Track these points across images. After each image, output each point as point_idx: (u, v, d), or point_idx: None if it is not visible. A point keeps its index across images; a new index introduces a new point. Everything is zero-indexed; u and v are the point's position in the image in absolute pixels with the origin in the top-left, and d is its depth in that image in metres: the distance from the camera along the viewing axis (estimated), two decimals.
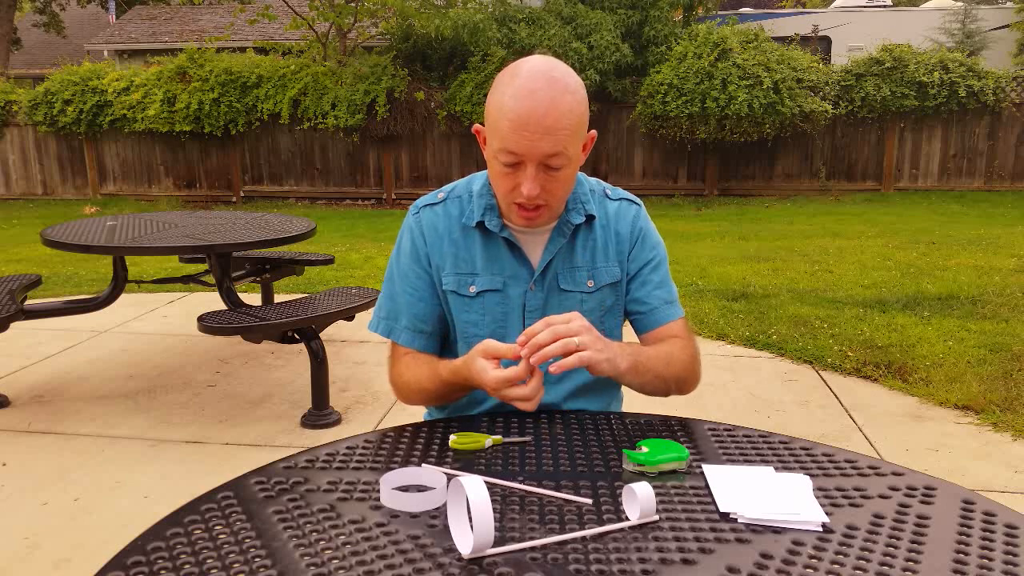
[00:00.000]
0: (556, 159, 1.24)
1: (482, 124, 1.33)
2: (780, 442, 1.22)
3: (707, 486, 1.08)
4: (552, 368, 1.17)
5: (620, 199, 1.47)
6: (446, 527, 0.96)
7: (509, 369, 1.19)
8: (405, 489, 1.05)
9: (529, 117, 1.20)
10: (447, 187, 1.47)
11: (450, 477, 1.05)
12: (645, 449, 1.13)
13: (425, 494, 1.02)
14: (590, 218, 1.41)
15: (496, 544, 0.92)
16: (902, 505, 1.03)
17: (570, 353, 1.16)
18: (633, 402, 1.71)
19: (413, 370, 1.42)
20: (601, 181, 1.50)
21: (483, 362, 1.22)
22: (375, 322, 1.49)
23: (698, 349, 1.46)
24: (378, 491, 1.06)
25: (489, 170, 1.33)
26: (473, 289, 1.40)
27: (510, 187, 1.28)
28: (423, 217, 1.44)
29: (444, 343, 1.51)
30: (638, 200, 1.50)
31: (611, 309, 1.44)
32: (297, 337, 3.32)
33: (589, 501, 1.04)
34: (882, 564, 0.89)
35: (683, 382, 1.40)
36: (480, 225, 1.39)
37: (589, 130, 1.32)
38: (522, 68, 1.24)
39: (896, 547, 0.92)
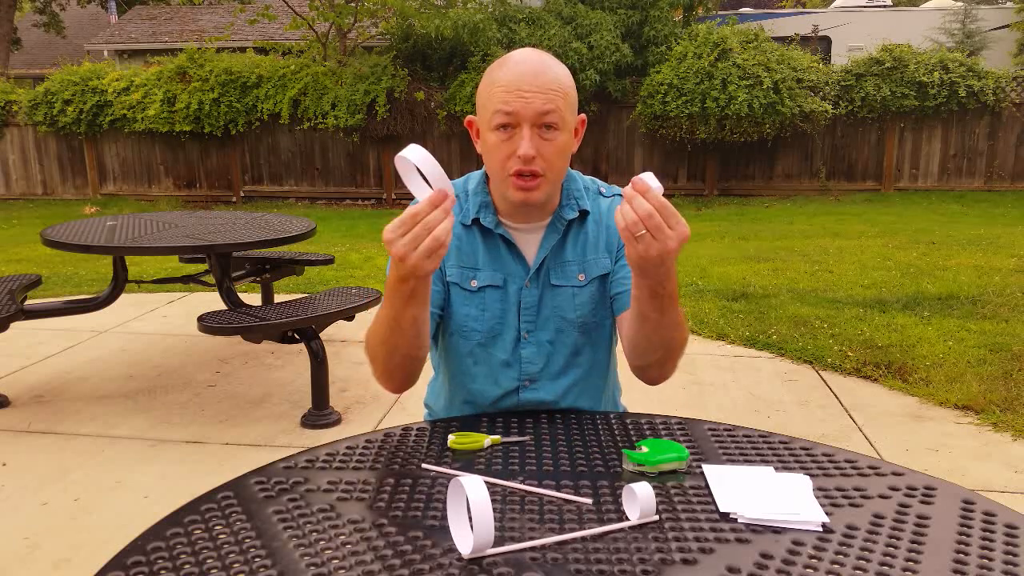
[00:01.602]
0: (550, 116, 1.26)
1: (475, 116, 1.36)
2: (780, 442, 1.22)
3: (707, 486, 1.08)
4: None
5: (614, 195, 1.48)
6: (446, 527, 0.96)
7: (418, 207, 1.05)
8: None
9: (522, 78, 1.26)
10: None
11: (451, 477, 1.06)
12: (645, 449, 1.13)
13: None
14: (584, 213, 1.43)
15: (496, 544, 0.92)
16: (902, 505, 1.03)
17: (663, 233, 1.07)
18: (633, 402, 1.71)
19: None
20: (595, 180, 1.50)
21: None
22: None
23: None
24: (378, 491, 1.06)
25: (485, 148, 1.34)
26: (475, 283, 1.41)
27: (507, 154, 1.29)
28: None
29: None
30: None
31: (603, 301, 1.44)
32: (297, 337, 3.32)
33: (589, 501, 1.04)
34: (882, 564, 0.89)
35: (684, 341, 1.31)
36: (476, 223, 1.41)
37: (583, 123, 1.38)
38: (511, 54, 1.33)
39: (896, 547, 0.92)
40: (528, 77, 1.26)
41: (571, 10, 10.62)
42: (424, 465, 1.14)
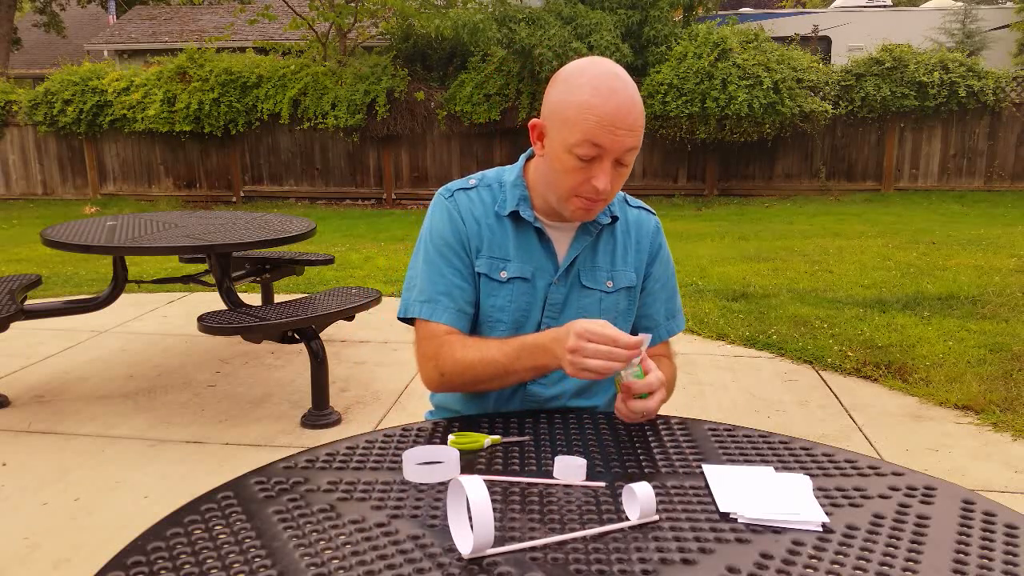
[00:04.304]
0: (630, 155, 1.29)
1: (536, 118, 1.36)
2: (780, 442, 1.22)
3: (707, 486, 1.08)
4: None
5: (639, 207, 1.53)
6: (446, 527, 0.96)
7: (614, 331, 1.19)
8: (425, 463, 1.11)
9: (617, 114, 1.25)
10: (476, 175, 1.49)
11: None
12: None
13: (442, 466, 1.10)
14: (614, 220, 1.46)
15: (496, 544, 0.92)
16: (902, 505, 1.03)
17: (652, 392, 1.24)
18: None
19: (475, 347, 1.36)
20: None
21: (587, 325, 1.20)
22: (413, 307, 1.42)
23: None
24: (379, 491, 1.06)
25: (554, 164, 1.32)
26: (504, 275, 1.42)
27: (579, 181, 1.30)
28: (458, 200, 1.44)
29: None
30: (653, 211, 1.57)
31: (624, 312, 1.47)
32: (297, 337, 3.32)
33: (603, 484, 1.06)
34: (882, 564, 0.89)
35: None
36: (513, 215, 1.42)
37: None
38: (590, 68, 1.28)
39: (896, 547, 0.92)
40: (623, 113, 1.25)
41: (571, 10, 10.62)
42: (442, 445, 1.16)
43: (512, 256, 1.42)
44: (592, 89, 1.25)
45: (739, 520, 0.98)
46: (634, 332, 1.54)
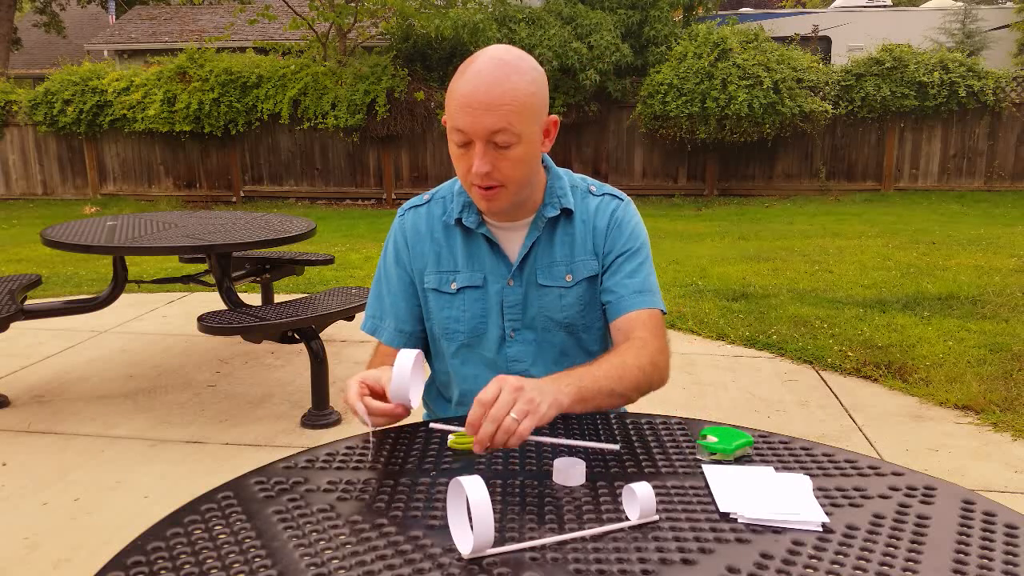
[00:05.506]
0: (501, 135, 1.25)
1: None
2: (780, 442, 1.22)
3: (707, 486, 1.08)
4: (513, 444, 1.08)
5: (604, 194, 1.46)
6: (446, 527, 0.96)
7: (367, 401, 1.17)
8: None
9: (473, 94, 1.23)
10: (434, 189, 1.51)
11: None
12: (713, 439, 1.16)
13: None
14: (567, 212, 1.42)
15: (496, 544, 0.92)
16: (902, 505, 1.03)
17: (513, 433, 1.05)
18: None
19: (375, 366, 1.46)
20: (587, 178, 1.49)
21: (355, 384, 1.20)
22: (365, 320, 1.54)
23: (666, 345, 1.38)
24: (377, 491, 1.06)
25: (451, 154, 1.35)
26: (454, 286, 1.42)
27: (466, 168, 1.30)
28: (407, 219, 1.48)
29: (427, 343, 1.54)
30: (624, 196, 1.48)
31: (591, 303, 1.44)
32: (297, 337, 3.32)
33: (617, 447, 1.09)
34: (882, 564, 0.89)
35: (644, 387, 1.33)
36: (459, 222, 1.41)
37: (555, 123, 1.34)
38: (478, 56, 1.27)
39: (896, 547, 0.92)
40: (480, 93, 1.22)
41: (571, 10, 10.62)
42: (432, 424, 1.22)
43: (461, 266, 1.42)
44: (461, 73, 1.26)
45: (739, 520, 0.98)
46: (604, 310, 1.44)
